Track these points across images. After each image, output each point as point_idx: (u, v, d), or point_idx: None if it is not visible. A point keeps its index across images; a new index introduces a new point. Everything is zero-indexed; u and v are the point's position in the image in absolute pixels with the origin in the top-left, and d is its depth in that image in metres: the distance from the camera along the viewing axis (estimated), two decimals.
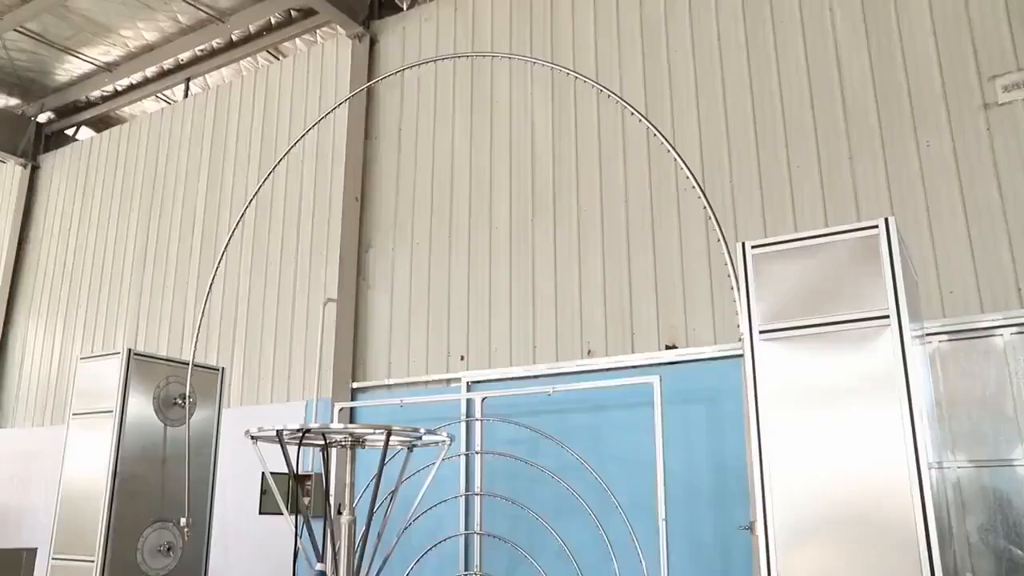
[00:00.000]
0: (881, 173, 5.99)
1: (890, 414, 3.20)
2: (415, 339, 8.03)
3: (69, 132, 13.05)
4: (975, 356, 5.13)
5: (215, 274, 5.96)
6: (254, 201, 8.87)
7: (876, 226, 3.47)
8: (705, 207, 4.40)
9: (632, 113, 4.91)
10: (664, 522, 5.67)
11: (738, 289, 3.69)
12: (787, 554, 3.24)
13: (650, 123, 4.78)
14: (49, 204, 12.49)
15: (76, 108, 12.59)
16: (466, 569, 6.77)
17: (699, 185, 4.51)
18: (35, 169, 12.86)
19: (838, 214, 6.04)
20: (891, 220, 3.45)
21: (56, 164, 12.64)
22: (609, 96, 5.16)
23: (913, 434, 3.15)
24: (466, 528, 6.86)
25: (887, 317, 3.32)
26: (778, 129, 6.47)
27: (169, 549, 5.19)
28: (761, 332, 3.54)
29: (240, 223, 7.41)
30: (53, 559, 5.18)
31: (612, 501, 5.92)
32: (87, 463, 5.23)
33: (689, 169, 4.58)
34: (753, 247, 3.68)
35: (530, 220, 7.58)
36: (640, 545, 5.71)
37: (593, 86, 5.38)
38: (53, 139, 13.02)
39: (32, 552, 6.26)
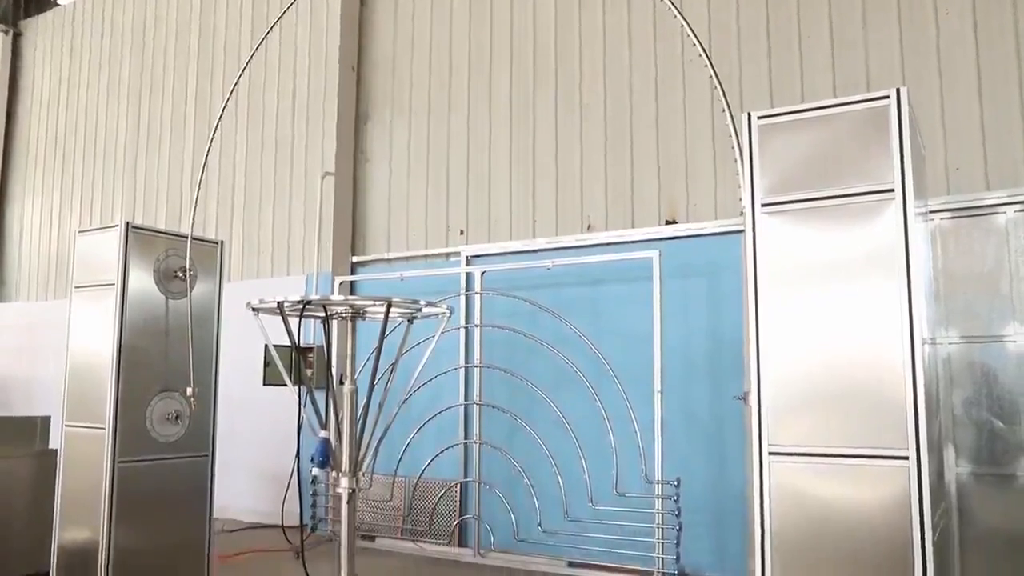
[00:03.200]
0: (895, 43, 5.76)
1: (888, 290, 3.20)
2: (414, 213, 7.98)
3: None
4: (976, 233, 5.08)
5: (210, 146, 5.82)
6: (248, 71, 8.60)
7: (887, 96, 3.35)
8: (711, 76, 4.25)
9: None
10: (659, 393, 5.82)
11: (742, 162, 3.61)
12: (779, 424, 3.32)
13: None
14: (35, 73, 12.12)
15: None
16: (465, 438, 7.00)
17: (706, 53, 4.34)
18: (17, 36, 12.41)
19: (847, 86, 5.86)
20: (903, 91, 3.33)
21: (39, 30, 12.18)
22: None
23: (910, 310, 3.15)
24: (465, 399, 7.04)
25: (892, 191, 3.26)
26: None
27: (177, 417, 5.31)
28: (763, 205, 3.49)
29: (233, 92, 7.20)
30: (66, 426, 5.31)
31: (609, 373, 6.04)
32: (91, 335, 5.28)
33: (696, 36, 4.39)
34: (759, 118, 3.57)
35: (531, 90, 7.37)
36: (635, 415, 5.87)
37: None
38: (34, 4, 12.49)
39: (46, 420, 6.41)
